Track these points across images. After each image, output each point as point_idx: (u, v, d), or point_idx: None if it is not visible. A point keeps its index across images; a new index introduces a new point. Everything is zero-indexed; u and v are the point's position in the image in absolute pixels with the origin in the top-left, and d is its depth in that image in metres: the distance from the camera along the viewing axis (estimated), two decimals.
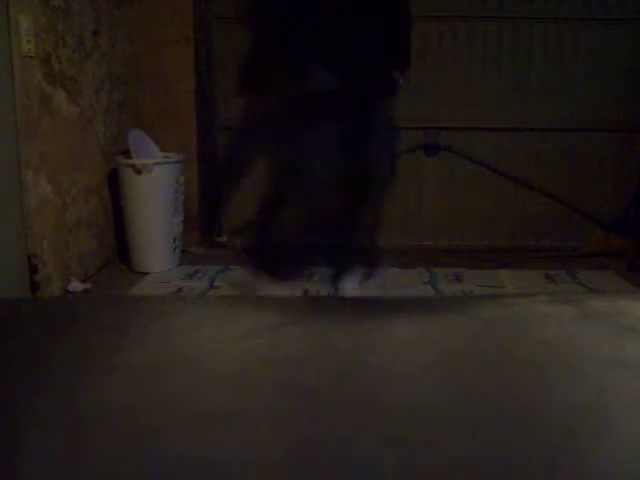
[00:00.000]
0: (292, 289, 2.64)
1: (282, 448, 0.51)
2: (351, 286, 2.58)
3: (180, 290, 3.14)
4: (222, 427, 0.55)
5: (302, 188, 2.74)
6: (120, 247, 3.60)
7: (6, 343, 0.71)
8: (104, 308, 0.83)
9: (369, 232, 2.77)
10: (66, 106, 2.98)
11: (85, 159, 3.22)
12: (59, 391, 0.61)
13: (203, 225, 3.99)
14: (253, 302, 0.89)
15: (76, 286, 3.03)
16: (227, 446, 0.51)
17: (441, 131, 3.92)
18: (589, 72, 3.84)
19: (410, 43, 2.60)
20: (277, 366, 0.66)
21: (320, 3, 2.42)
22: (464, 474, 0.48)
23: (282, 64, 2.48)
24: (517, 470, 0.49)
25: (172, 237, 3.47)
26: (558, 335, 0.74)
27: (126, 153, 3.40)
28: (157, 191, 3.33)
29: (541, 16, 3.79)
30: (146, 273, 3.39)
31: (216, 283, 3.24)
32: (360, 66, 2.40)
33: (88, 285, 3.11)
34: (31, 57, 2.65)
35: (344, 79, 2.40)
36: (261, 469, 0.49)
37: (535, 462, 0.50)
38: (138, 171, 3.27)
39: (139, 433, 0.54)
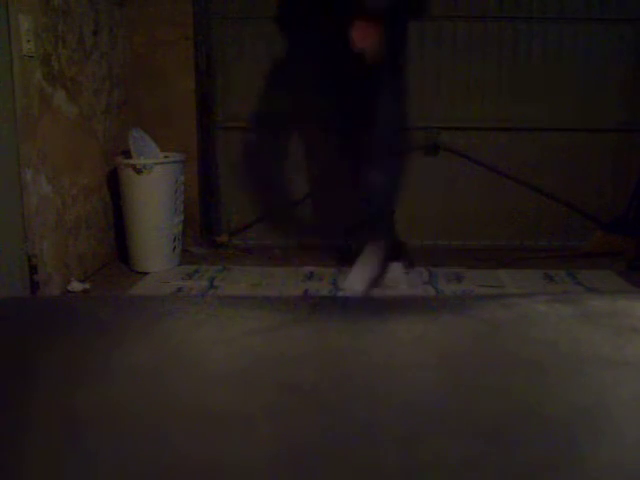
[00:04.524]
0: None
1: (282, 448, 0.51)
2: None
3: (180, 290, 3.14)
4: (222, 427, 0.55)
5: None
6: (120, 247, 3.60)
7: (6, 343, 0.71)
8: (104, 308, 0.83)
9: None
10: (66, 106, 2.98)
11: (85, 159, 3.22)
12: (59, 391, 0.61)
13: (203, 225, 4.00)
14: (253, 302, 0.89)
15: (76, 286, 3.03)
16: (227, 446, 0.52)
17: (441, 131, 3.92)
18: (589, 72, 3.85)
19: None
20: (277, 366, 0.66)
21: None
22: (464, 474, 0.48)
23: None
24: (517, 470, 0.49)
25: (172, 237, 3.47)
26: (558, 335, 0.74)
27: (126, 153, 3.40)
28: (157, 191, 3.34)
29: (541, 16, 3.80)
30: (146, 273, 3.39)
31: (216, 283, 3.24)
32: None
33: (88, 285, 3.11)
34: (31, 57, 2.65)
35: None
36: (261, 469, 0.49)
37: (535, 462, 0.50)
38: (138, 171, 3.27)
39: (138, 433, 0.54)
